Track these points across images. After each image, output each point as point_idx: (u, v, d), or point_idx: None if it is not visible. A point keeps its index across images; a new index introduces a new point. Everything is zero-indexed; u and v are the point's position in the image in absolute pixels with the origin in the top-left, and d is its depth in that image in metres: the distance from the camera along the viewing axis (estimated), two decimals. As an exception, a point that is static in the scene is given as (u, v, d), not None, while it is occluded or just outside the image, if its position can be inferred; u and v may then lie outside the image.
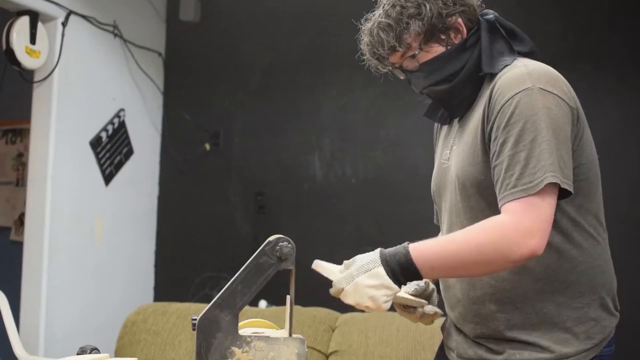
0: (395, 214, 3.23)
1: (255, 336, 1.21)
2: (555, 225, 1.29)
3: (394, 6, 1.37)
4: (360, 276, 1.24)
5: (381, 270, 1.24)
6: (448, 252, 1.25)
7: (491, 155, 1.28)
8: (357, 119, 3.38)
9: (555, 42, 3.09)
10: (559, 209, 1.28)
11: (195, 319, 1.20)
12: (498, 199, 1.26)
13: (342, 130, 3.41)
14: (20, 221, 3.92)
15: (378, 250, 1.27)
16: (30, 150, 3.03)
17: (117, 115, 3.40)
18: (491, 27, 1.41)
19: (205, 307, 1.21)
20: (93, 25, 3.20)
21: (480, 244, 1.23)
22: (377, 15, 1.40)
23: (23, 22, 2.82)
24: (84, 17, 3.13)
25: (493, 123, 1.28)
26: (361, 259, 1.27)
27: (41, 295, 2.90)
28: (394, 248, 1.27)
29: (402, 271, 1.25)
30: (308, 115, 3.49)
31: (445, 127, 1.55)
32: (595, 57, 3.02)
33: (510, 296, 1.35)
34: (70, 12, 3.03)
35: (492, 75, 1.36)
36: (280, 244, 1.22)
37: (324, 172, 3.40)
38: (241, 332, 1.22)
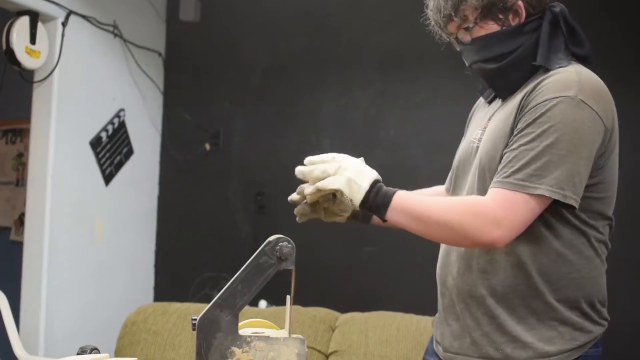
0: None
1: (255, 336, 1.21)
2: (559, 230, 1.32)
3: None
4: (349, 160, 1.31)
5: (366, 171, 1.30)
6: (421, 207, 1.29)
7: (508, 144, 1.31)
8: (357, 119, 3.38)
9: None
10: (564, 217, 1.32)
11: (195, 319, 1.20)
12: (493, 183, 1.30)
13: (342, 130, 3.41)
14: (20, 221, 3.92)
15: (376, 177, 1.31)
16: (30, 150, 3.03)
17: (117, 115, 3.40)
18: (554, 20, 1.40)
19: (205, 307, 1.21)
20: (93, 25, 3.20)
21: (451, 217, 1.26)
22: None
23: (23, 22, 2.82)
24: (84, 17, 3.13)
25: (522, 116, 1.30)
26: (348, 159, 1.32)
27: (41, 295, 2.90)
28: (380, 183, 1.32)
29: (377, 195, 1.28)
30: (308, 115, 3.49)
31: (483, 107, 1.57)
32: (595, 56, 3.02)
33: (502, 285, 1.36)
34: (70, 12, 3.03)
35: (546, 70, 1.36)
36: (280, 244, 1.22)
37: (324, 172, 3.40)
38: (241, 332, 1.22)
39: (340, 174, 1.29)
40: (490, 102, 1.54)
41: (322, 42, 3.47)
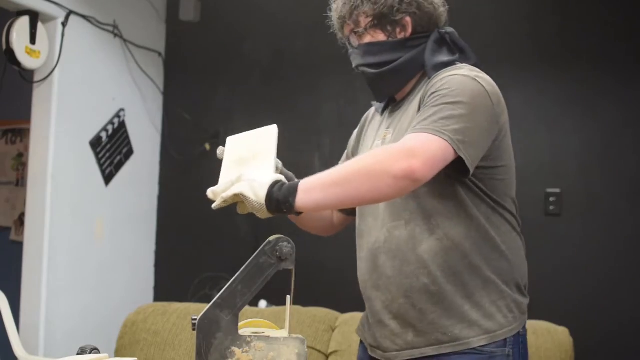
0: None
1: (255, 336, 1.21)
2: (480, 209, 1.43)
3: None
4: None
5: (244, 185, 1.31)
6: (333, 171, 1.29)
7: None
8: (357, 118, 3.37)
9: (555, 41, 3.09)
10: (479, 196, 1.43)
11: (195, 319, 1.20)
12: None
13: (342, 130, 3.40)
14: (20, 221, 3.92)
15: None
16: (30, 150, 3.03)
17: (117, 115, 3.40)
18: (440, 40, 1.52)
19: (205, 307, 1.21)
20: (93, 25, 3.20)
21: (365, 161, 1.30)
22: None
23: (23, 22, 2.82)
24: (84, 17, 3.13)
25: (424, 96, 1.40)
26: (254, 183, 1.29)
27: (41, 295, 2.90)
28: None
29: (281, 192, 1.26)
30: (308, 115, 3.49)
31: (376, 120, 1.66)
32: (594, 57, 3.02)
33: (443, 269, 1.42)
34: (70, 12, 3.03)
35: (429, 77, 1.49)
36: (280, 244, 1.22)
37: (324, 172, 3.40)
38: (241, 332, 1.22)
39: (241, 180, 1.32)
40: (381, 113, 1.64)
41: (322, 42, 3.45)
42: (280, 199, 1.25)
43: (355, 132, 1.78)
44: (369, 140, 1.63)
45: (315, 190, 1.26)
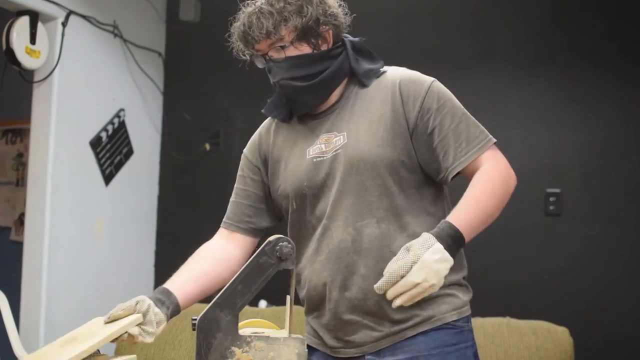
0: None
1: (255, 336, 1.21)
2: (437, 204, 1.54)
3: (278, 0, 1.50)
4: (425, 253, 1.29)
5: (439, 245, 1.31)
6: (478, 210, 1.42)
7: (428, 133, 1.49)
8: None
9: (555, 41, 3.09)
10: (440, 192, 1.56)
11: (195, 319, 1.20)
12: (450, 166, 1.47)
13: (342, 130, 3.40)
14: (20, 221, 3.92)
15: (425, 232, 1.35)
16: (30, 150, 3.03)
17: (117, 115, 3.40)
18: (354, 47, 1.59)
19: (205, 307, 1.21)
20: (93, 25, 3.20)
21: (493, 191, 1.44)
22: (259, 3, 1.53)
23: (23, 22, 2.82)
24: (84, 17, 3.13)
25: (421, 109, 1.49)
26: (416, 242, 1.32)
27: (41, 295, 2.90)
28: (436, 227, 1.38)
29: (453, 242, 1.34)
30: (308, 115, 3.48)
31: (282, 130, 1.67)
32: (594, 56, 3.02)
33: None
34: (70, 12, 3.03)
35: (362, 84, 1.57)
36: (280, 244, 1.22)
37: (324, 172, 3.40)
38: (241, 332, 1.22)
39: (419, 270, 1.30)
40: (285, 121, 1.67)
41: (322, 42, 3.46)
42: (455, 251, 1.36)
43: (250, 149, 1.76)
44: (293, 152, 1.60)
45: (472, 229, 1.40)
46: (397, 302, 1.29)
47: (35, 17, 2.86)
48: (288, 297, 1.28)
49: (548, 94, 3.08)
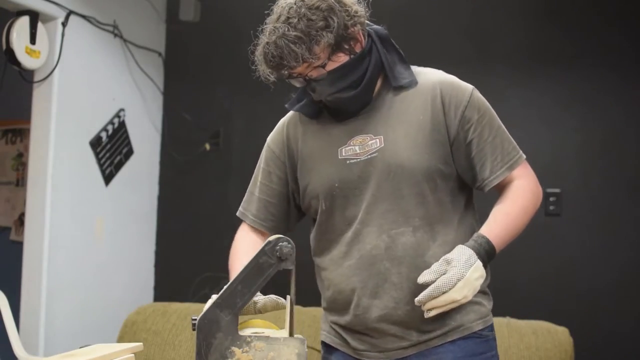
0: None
1: (255, 336, 1.21)
2: (467, 213, 1.55)
3: (300, 19, 1.40)
4: (468, 271, 1.34)
5: (480, 263, 1.37)
6: (510, 225, 1.47)
7: (467, 143, 1.50)
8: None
9: (555, 41, 3.09)
10: (470, 202, 1.57)
11: (195, 319, 1.20)
12: (485, 179, 1.50)
13: (342, 130, 3.40)
14: (20, 221, 3.92)
15: (465, 247, 1.39)
16: (30, 150, 3.03)
17: (117, 115, 3.40)
18: (382, 38, 1.55)
19: (205, 307, 1.21)
20: (93, 25, 3.20)
21: (525, 207, 1.50)
22: (281, 28, 1.43)
23: (23, 22, 2.82)
24: (84, 17, 3.13)
25: (462, 118, 1.49)
26: (458, 257, 1.36)
27: (41, 295, 2.90)
28: (473, 240, 1.41)
29: (488, 258, 1.40)
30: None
31: (310, 126, 1.61)
32: (594, 56, 3.02)
33: None
34: (70, 12, 3.03)
35: (395, 85, 1.53)
36: (280, 244, 1.22)
37: (324, 172, 3.39)
38: (241, 332, 1.22)
39: (461, 288, 1.34)
40: (312, 118, 1.61)
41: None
42: (487, 265, 1.42)
43: (280, 138, 1.69)
44: (323, 149, 1.57)
45: (502, 244, 1.46)
46: (432, 313, 1.35)
47: (35, 17, 2.86)
48: (288, 297, 1.28)
49: (548, 94, 3.08)
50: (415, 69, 1.57)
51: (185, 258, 3.63)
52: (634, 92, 2.97)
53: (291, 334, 1.24)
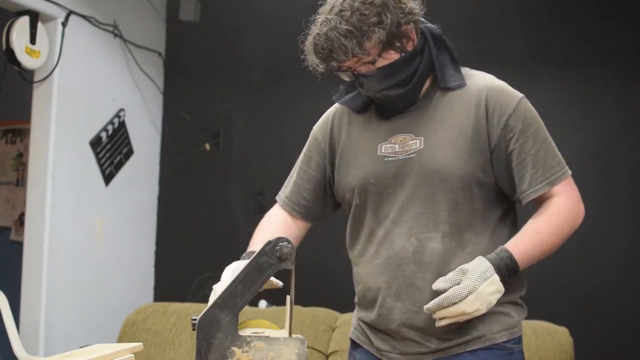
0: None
1: (255, 336, 1.21)
2: (502, 222, 1.50)
3: (353, 13, 1.38)
4: (482, 285, 1.31)
5: (496, 277, 1.33)
6: (539, 243, 1.42)
7: (508, 153, 1.45)
8: (357, 119, 3.38)
9: (554, 41, 3.09)
10: (508, 211, 1.52)
11: (195, 319, 1.20)
12: (524, 192, 1.45)
13: (342, 130, 3.40)
14: (20, 221, 3.92)
15: (484, 259, 1.36)
16: (30, 150, 3.03)
17: (117, 115, 3.40)
18: (435, 38, 1.52)
19: (205, 307, 1.21)
20: (93, 25, 3.20)
21: (559, 227, 1.44)
22: (333, 20, 1.41)
23: (23, 22, 2.82)
24: (84, 17, 3.13)
25: (505, 126, 1.45)
26: (474, 269, 1.34)
27: (41, 295, 2.90)
28: (495, 253, 1.38)
29: (509, 273, 1.37)
30: (308, 115, 3.47)
31: (355, 118, 1.60)
32: (594, 56, 3.02)
33: None
34: (70, 12, 3.03)
35: (445, 83, 1.51)
36: (280, 244, 1.22)
37: (324, 172, 3.40)
38: (241, 332, 1.22)
39: (473, 301, 1.33)
40: (359, 112, 1.59)
41: (322, 42, 3.46)
42: (507, 281, 1.38)
43: (324, 126, 1.68)
44: (364, 143, 1.56)
45: (528, 262, 1.42)
46: (441, 323, 1.34)
47: (35, 17, 2.86)
48: (288, 297, 1.28)
49: (548, 94, 3.08)
50: (466, 71, 1.54)
51: (185, 258, 3.63)
52: (635, 93, 2.97)
53: (291, 334, 1.24)
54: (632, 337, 2.87)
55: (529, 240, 1.41)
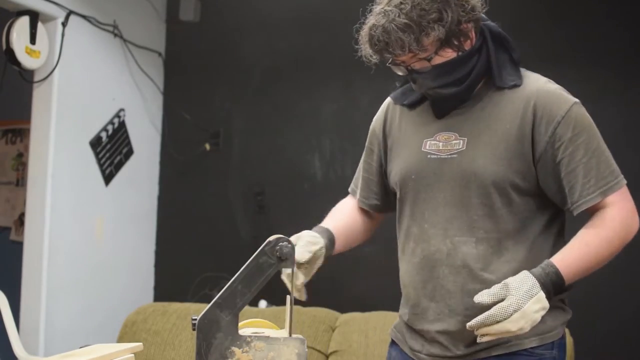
0: (395, 214, 3.23)
1: (255, 336, 1.21)
2: (546, 231, 1.46)
3: (413, 7, 1.34)
4: (527, 303, 1.27)
5: (542, 294, 1.29)
6: (587, 256, 1.36)
7: (556, 163, 1.40)
8: (357, 119, 3.38)
9: (553, 42, 3.09)
10: (552, 220, 1.46)
11: (195, 319, 1.20)
12: (575, 202, 1.39)
13: (342, 130, 3.40)
14: (20, 221, 3.92)
15: (530, 274, 1.31)
16: (30, 150, 3.03)
17: (117, 115, 3.40)
18: (494, 37, 1.48)
19: (205, 307, 1.21)
20: (93, 25, 3.20)
21: (610, 240, 1.38)
22: (392, 12, 1.36)
23: (23, 22, 2.82)
24: (84, 17, 3.13)
25: (553, 135, 1.40)
26: (519, 285, 1.29)
27: (41, 295, 2.90)
28: (541, 268, 1.33)
29: (554, 290, 1.32)
30: (308, 115, 3.48)
31: (410, 114, 1.58)
32: (594, 56, 3.02)
33: None
34: (70, 12, 3.03)
35: (499, 87, 1.46)
36: (280, 244, 1.22)
37: (324, 172, 3.40)
38: (241, 332, 1.22)
39: (517, 319, 1.28)
40: (411, 108, 1.57)
41: (322, 42, 3.46)
42: (553, 297, 1.33)
43: (379, 120, 1.67)
44: (411, 138, 1.55)
45: (575, 276, 1.36)
46: (484, 339, 1.30)
47: (35, 17, 2.86)
48: (288, 297, 1.28)
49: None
50: (523, 72, 1.49)
51: (185, 258, 3.63)
52: (634, 92, 2.97)
53: (291, 334, 1.24)
54: (632, 337, 2.87)
55: (577, 254, 1.36)
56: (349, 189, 1.74)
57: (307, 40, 3.49)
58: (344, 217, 1.66)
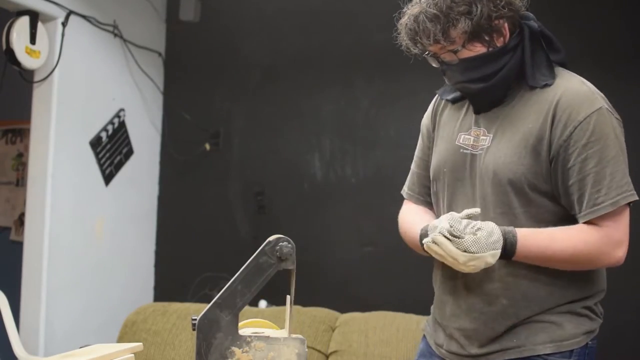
0: (395, 214, 3.22)
1: (255, 336, 1.21)
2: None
3: None
4: (487, 253, 1.29)
5: (499, 253, 1.31)
6: (547, 250, 1.35)
7: (567, 168, 1.37)
8: (357, 119, 3.38)
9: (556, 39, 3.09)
10: (566, 221, 1.41)
11: (195, 319, 1.20)
12: (582, 211, 1.36)
13: (342, 130, 3.40)
14: (20, 221, 3.92)
15: (501, 230, 1.32)
16: (30, 150, 3.03)
17: (117, 115, 3.40)
18: (533, 36, 1.47)
19: (205, 307, 1.21)
20: (93, 25, 3.20)
21: (576, 252, 1.35)
22: (424, 2, 1.39)
23: (23, 22, 2.82)
24: (84, 17, 3.13)
25: (568, 139, 1.37)
26: (489, 233, 1.30)
27: (41, 295, 2.90)
28: (508, 231, 1.33)
29: (505, 254, 1.33)
30: (308, 115, 3.48)
31: (451, 109, 1.58)
32: (593, 56, 3.02)
33: (523, 294, 1.42)
34: (70, 12, 3.03)
35: (532, 87, 1.44)
36: (280, 244, 1.22)
37: (324, 172, 3.40)
38: (241, 332, 1.22)
39: (467, 260, 1.31)
40: (453, 102, 1.58)
41: (322, 42, 3.46)
42: (508, 247, 1.33)
43: (428, 115, 1.68)
44: (449, 131, 1.55)
45: (525, 259, 1.36)
46: (427, 244, 1.32)
47: (35, 17, 2.86)
48: (288, 297, 1.28)
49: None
50: (558, 71, 1.48)
51: (185, 258, 3.63)
52: (634, 92, 2.97)
53: (291, 334, 1.24)
54: (632, 337, 2.87)
55: (541, 242, 1.35)
56: (404, 195, 1.72)
57: (307, 40, 3.49)
58: (425, 214, 1.63)
